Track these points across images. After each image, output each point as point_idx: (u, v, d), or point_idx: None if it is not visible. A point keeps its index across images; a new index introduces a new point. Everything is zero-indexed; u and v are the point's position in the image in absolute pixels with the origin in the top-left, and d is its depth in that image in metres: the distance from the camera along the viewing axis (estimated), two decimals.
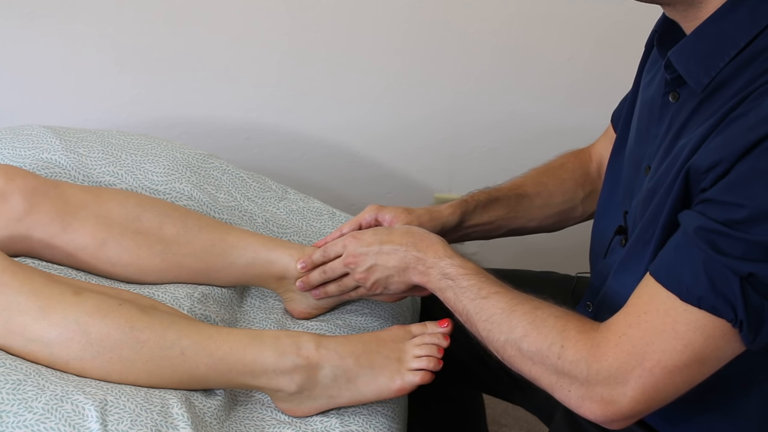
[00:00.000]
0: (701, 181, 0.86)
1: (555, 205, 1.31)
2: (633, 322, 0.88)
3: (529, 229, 1.33)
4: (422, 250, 1.09)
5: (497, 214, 1.28)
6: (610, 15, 1.80)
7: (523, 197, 1.30)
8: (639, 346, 0.87)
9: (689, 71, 0.92)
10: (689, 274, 0.84)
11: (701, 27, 0.92)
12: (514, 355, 0.97)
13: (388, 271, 1.11)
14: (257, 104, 1.88)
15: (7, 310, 1.00)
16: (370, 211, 1.23)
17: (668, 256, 0.88)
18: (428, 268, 1.08)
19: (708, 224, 0.83)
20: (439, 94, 1.89)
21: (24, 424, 0.93)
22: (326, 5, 1.78)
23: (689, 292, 0.84)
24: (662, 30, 1.02)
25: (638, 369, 0.87)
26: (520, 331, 0.96)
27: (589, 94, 1.88)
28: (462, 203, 1.26)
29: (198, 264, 1.22)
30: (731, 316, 0.83)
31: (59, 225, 1.17)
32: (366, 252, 1.12)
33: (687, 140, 0.90)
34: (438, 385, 1.11)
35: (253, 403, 1.10)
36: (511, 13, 1.81)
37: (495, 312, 1.00)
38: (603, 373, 0.89)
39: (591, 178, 1.32)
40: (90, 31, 1.78)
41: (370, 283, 1.13)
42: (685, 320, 0.85)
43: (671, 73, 0.96)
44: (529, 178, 1.33)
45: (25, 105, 1.83)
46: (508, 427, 1.91)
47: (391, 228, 1.15)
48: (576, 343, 0.91)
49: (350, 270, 1.14)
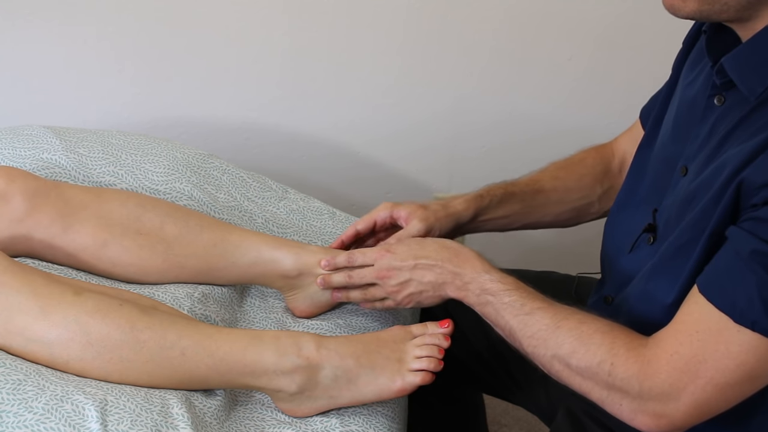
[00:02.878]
0: (753, 197, 0.86)
1: (571, 201, 1.31)
2: (685, 341, 0.89)
3: (543, 223, 1.33)
4: (459, 266, 1.08)
5: (512, 209, 1.28)
6: (610, 15, 1.80)
7: (539, 192, 1.29)
8: (692, 364, 0.88)
9: (743, 79, 0.93)
10: (743, 296, 0.85)
11: (757, 36, 0.92)
12: (561, 370, 0.98)
13: (423, 286, 1.10)
14: (257, 104, 1.88)
15: (8, 310, 1.00)
16: (385, 209, 1.22)
17: (719, 274, 0.88)
18: (466, 284, 1.08)
19: (762, 247, 0.84)
20: (440, 94, 1.88)
21: (24, 424, 0.93)
22: (326, 5, 1.78)
23: (743, 315, 0.85)
24: (712, 32, 1.01)
25: (691, 386, 0.89)
26: (568, 347, 0.97)
27: (589, 94, 1.88)
28: (477, 198, 1.26)
29: (200, 264, 1.22)
30: None
31: (60, 226, 1.17)
32: (400, 267, 1.11)
33: (738, 150, 0.90)
34: (438, 386, 1.10)
35: (253, 403, 1.10)
36: (511, 13, 1.81)
37: (540, 328, 1.00)
38: (656, 390, 0.90)
39: (611, 174, 1.31)
40: (90, 32, 1.78)
41: (402, 297, 1.12)
42: (739, 341, 0.86)
43: (722, 78, 0.96)
44: (547, 173, 1.32)
45: (25, 105, 1.83)
46: (508, 427, 1.91)
47: (424, 241, 1.13)
48: (626, 360, 0.92)
49: (381, 283, 1.13)
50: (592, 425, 1.06)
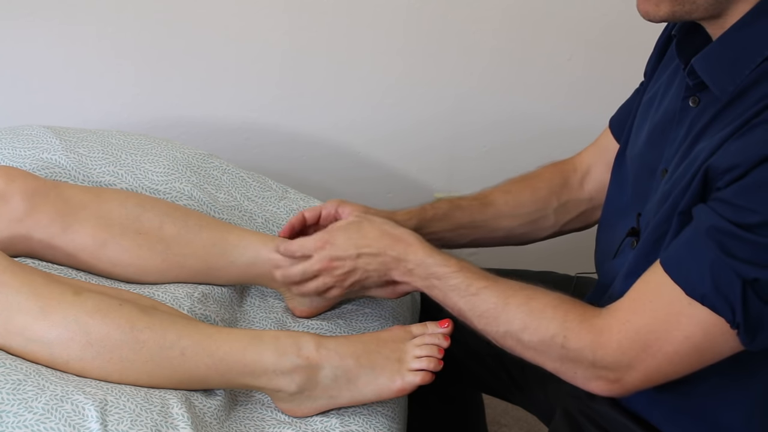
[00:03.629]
0: (717, 180, 0.87)
1: (523, 215, 1.29)
2: (638, 310, 0.92)
3: (496, 239, 1.31)
4: (402, 252, 1.09)
5: (459, 223, 1.27)
6: (611, 15, 1.80)
7: (488, 206, 1.29)
8: (643, 333, 0.91)
9: (714, 79, 0.93)
10: (696, 270, 0.87)
11: (726, 35, 0.92)
12: (514, 345, 1.01)
13: (368, 273, 1.12)
14: (257, 104, 1.88)
15: (7, 310, 1.00)
16: (333, 204, 1.23)
17: (679, 249, 0.90)
18: (410, 270, 1.09)
19: (720, 224, 0.85)
20: (440, 94, 1.89)
21: (24, 424, 0.93)
22: (326, 5, 1.78)
23: (694, 288, 0.87)
24: (681, 35, 1.01)
25: (642, 354, 0.91)
26: (518, 323, 0.99)
27: (589, 94, 1.88)
28: (420, 211, 1.26)
29: (199, 263, 1.22)
30: (730, 317, 0.86)
31: (59, 226, 1.17)
32: (343, 256, 1.11)
33: (706, 144, 0.91)
34: (438, 385, 1.10)
35: (253, 403, 1.10)
36: (511, 13, 1.81)
37: (488, 307, 1.01)
38: (608, 359, 0.93)
39: (570, 188, 1.30)
40: (90, 32, 1.78)
41: (348, 284, 1.13)
42: (688, 314, 0.88)
43: (694, 80, 0.96)
44: (499, 188, 1.31)
45: (25, 105, 1.83)
46: (508, 427, 1.92)
47: (362, 228, 1.13)
48: (579, 332, 0.95)
49: (325, 274, 1.13)
50: (588, 426, 1.06)
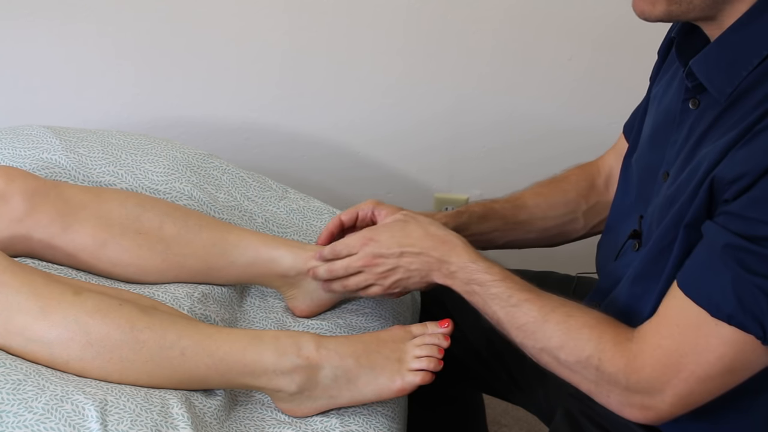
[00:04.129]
0: (725, 192, 0.87)
1: (555, 217, 1.30)
2: (666, 335, 0.91)
3: (528, 241, 1.32)
4: (445, 254, 1.08)
5: (493, 226, 1.28)
6: (611, 15, 1.80)
7: (521, 209, 1.29)
8: (674, 357, 0.90)
9: (711, 80, 0.93)
10: (718, 291, 0.86)
11: (723, 36, 0.92)
12: (550, 362, 1.00)
13: (409, 273, 1.10)
14: (257, 104, 1.88)
15: (7, 310, 1.01)
16: (369, 205, 1.22)
17: (695, 270, 0.89)
18: (453, 273, 1.08)
19: (735, 241, 0.85)
20: (440, 94, 1.88)
21: (24, 424, 0.93)
22: (327, 5, 1.78)
23: (719, 309, 0.86)
24: (681, 37, 1.01)
25: (674, 380, 0.91)
26: (556, 341, 0.98)
27: (589, 94, 1.88)
28: (456, 215, 1.26)
29: (199, 263, 1.22)
30: (760, 333, 0.85)
31: (59, 225, 1.17)
32: (386, 254, 1.10)
33: (710, 149, 0.91)
34: (438, 385, 1.10)
35: (253, 403, 1.10)
36: (512, 13, 1.80)
37: (528, 321, 1.01)
38: (642, 384, 0.93)
39: (597, 190, 1.31)
40: (90, 31, 1.78)
41: (390, 283, 1.12)
42: (717, 334, 0.87)
43: (692, 81, 0.96)
44: (530, 191, 1.32)
45: (25, 105, 1.83)
46: (508, 427, 1.91)
47: (407, 227, 1.12)
48: (613, 356, 0.94)
49: (367, 270, 1.12)
50: (589, 426, 1.06)
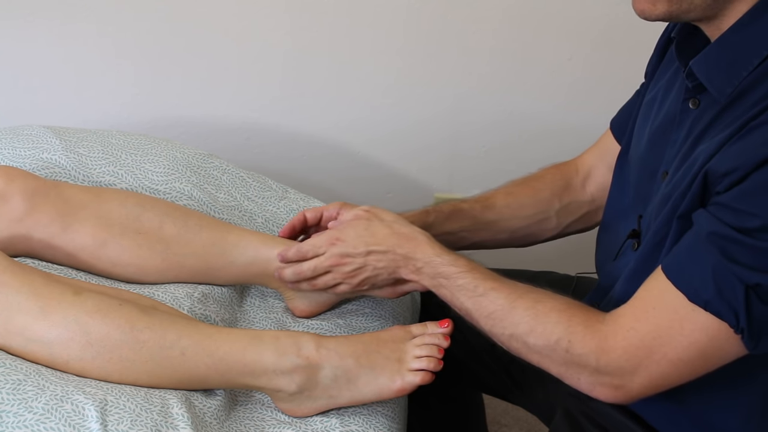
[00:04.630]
0: (717, 184, 0.87)
1: (526, 217, 1.29)
2: (641, 317, 0.91)
3: (498, 241, 1.31)
4: (411, 250, 1.09)
5: (460, 225, 1.27)
6: (610, 15, 1.80)
7: (489, 208, 1.29)
8: (647, 340, 0.90)
9: (711, 81, 0.93)
10: (699, 276, 0.87)
11: (724, 36, 0.92)
12: (519, 347, 1.00)
13: (377, 271, 1.11)
14: (258, 104, 1.88)
15: (7, 310, 1.00)
16: (335, 206, 1.22)
17: (680, 254, 0.90)
18: (419, 269, 1.08)
19: (721, 230, 0.85)
20: (440, 94, 1.89)
21: (24, 424, 0.93)
22: (327, 5, 1.78)
23: (697, 294, 0.87)
24: (681, 37, 1.02)
25: (646, 361, 0.91)
26: (524, 327, 0.98)
27: (589, 93, 1.88)
28: (422, 213, 1.26)
29: (199, 263, 1.22)
30: (734, 322, 0.86)
31: (59, 225, 1.17)
32: (353, 253, 1.11)
33: (705, 146, 0.91)
34: (438, 385, 1.11)
35: (253, 403, 1.10)
36: (511, 13, 1.81)
37: (495, 309, 1.01)
38: (612, 365, 0.93)
39: (573, 190, 1.30)
40: (90, 31, 1.78)
41: (357, 281, 1.13)
42: (692, 319, 0.88)
43: (692, 81, 0.96)
44: (501, 190, 1.31)
45: (25, 105, 1.83)
46: (508, 427, 1.92)
47: (371, 226, 1.12)
48: (583, 337, 0.94)
49: (335, 270, 1.13)
50: (589, 426, 1.06)
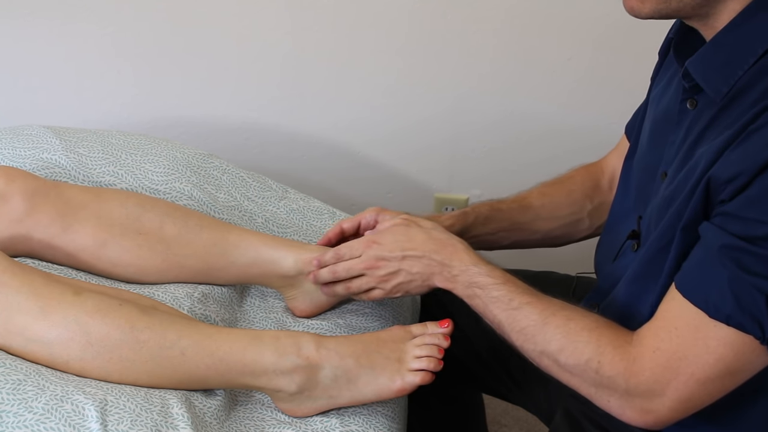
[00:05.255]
0: (720, 192, 0.87)
1: (561, 217, 1.30)
2: (665, 337, 0.91)
3: (533, 241, 1.32)
4: (447, 257, 1.08)
5: (499, 226, 1.28)
6: (610, 15, 1.80)
7: (527, 209, 1.29)
8: (673, 360, 0.90)
9: (707, 80, 0.93)
10: (716, 291, 0.86)
11: (718, 36, 0.92)
12: (550, 365, 1.00)
13: (411, 276, 1.10)
14: (258, 104, 1.88)
15: (7, 310, 1.01)
16: (372, 212, 1.22)
17: (693, 271, 0.89)
18: (454, 276, 1.08)
19: (731, 242, 0.85)
20: (440, 94, 1.89)
21: (24, 424, 0.93)
22: (327, 5, 1.78)
23: (717, 310, 0.86)
24: (678, 37, 1.02)
25: (674, 382, 0.90)
26: (555, 345, 0.98)
27: (589, 94, 1.88)
28: (462, 215, 1.26)
29: (199, 264, 1.22)
30: (759, 333, 0.85)
31: (60, 226, 1.17)
32: (389, 257, 1.10)
33: (706, 149, 0.91)
34: (438, 385, 1.10)
35: (253, 403, 1.10)
36: (512, 13, 1.81)
37: (528, 324, 1.00)
38: (641, 387, 0.92)
39: (601, 190, 1.31)
40: (90, 31, 1.78)
41: (392, 286, 1.12)
42: (715, 336, 0.87)
43: (689, 82, 0.96)
44: (535, 191, 1.32)
45: (25, 105, 1.83)
46: (508, 427, 1.92)
47: (409, 231, 1.12)
48: (612, 359, 0.94)
49: (369, 273, 1.12)
50: (589, 426, 1.06)
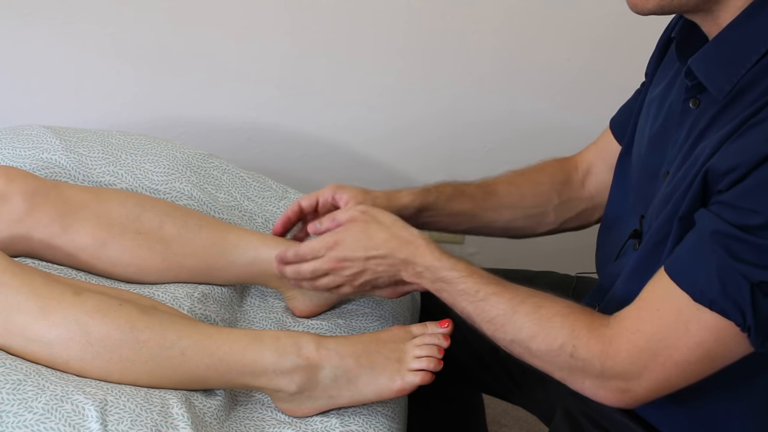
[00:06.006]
0: (718, 183, 0.87)
1: (525, 208, 1.28)
2: (646, 318, 0.91)
3: (494, 229, 1.30)
4: (411, 255, 1.07)
5: (461, 209, 1.26)
6: (609, 15, 1.80)
7: (491, 195, 1.27)
8: (652, 342, 0.90)
9: (710, 79, 0.92)
10: (703, 276, 0.86)
11: (721, 34, 0.92)
12: (522, 352, 0.99)
13: (377, 274, 1.10)
14: (257, 104, 1.88)
15: (7, 310, 1.01)
16: (329, 190, 1.22)
17: (683, 255, 0.89)
18: (419, 273, 1.07)
19: (724, 228, 0.85)
20: (439, 93, 1.89)
21: (24, 424, 0.93)
22: (326, 6, 1.78)
23: (702, 294, 0.86)
24: (681, 36, 1.01)
25: (651, 363, 0.90)
26: (527, 332, 0.97)
27: (587, 94, 1.88)
28: (424, 192, 1.24)
29: (199, 263, 1.22)
30: (740, 320, 0.85)
31: (59, 225, 1.17)
32: (352, 257, 1.09)
33: (706, 144, 0.91)
34: (438, 386, 1.10)
35: (253, 403, 1.11)
36: (511, 13, 1.81)
37: (497, 314, 1.00)
38: (617, 368, 0.92)
39: (572, 186, 1.30)
40: (90, 31, 1.78)
41: (359, 284, 1.11)
42: (697, 320, 0.87)
43: (692, 80, 0.96)
44: (503, 178, 1.30)
45: (25, 105, 1.83)
46: (508, 427, 1.92)
47: (369, 229, 1.10)
48: (588, 341, 0.93)
49: (334, 273, 1.11)
50: (589, 426, 1.06)
